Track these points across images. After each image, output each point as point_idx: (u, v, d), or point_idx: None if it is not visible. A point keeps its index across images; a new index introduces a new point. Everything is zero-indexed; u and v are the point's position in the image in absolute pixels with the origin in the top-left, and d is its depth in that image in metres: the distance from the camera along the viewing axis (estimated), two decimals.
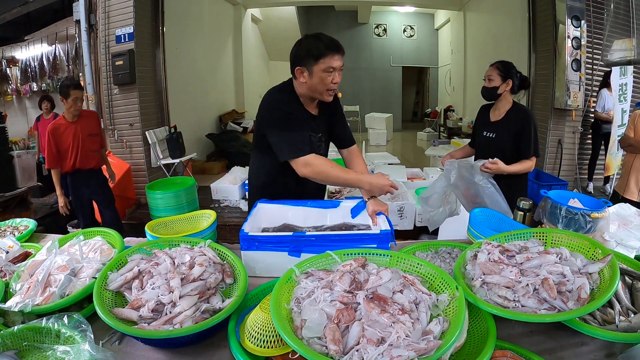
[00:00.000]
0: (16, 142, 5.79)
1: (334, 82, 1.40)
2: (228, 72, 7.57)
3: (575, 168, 4.48)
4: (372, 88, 11.06)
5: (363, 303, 0.84)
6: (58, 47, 6.17)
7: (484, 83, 2.03)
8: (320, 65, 1.36)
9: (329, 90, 1.42)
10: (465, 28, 8.24)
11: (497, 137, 2.02)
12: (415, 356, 0.72)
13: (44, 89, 6.49)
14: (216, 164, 5.93)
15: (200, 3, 6.19)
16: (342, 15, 10.53)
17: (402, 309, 0.83)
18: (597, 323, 0.93)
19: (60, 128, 2.97)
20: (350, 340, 0.77)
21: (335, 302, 0.86)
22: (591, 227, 1.40)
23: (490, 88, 1.98)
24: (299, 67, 1.41)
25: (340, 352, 0.75)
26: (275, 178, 1.60)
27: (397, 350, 0.72)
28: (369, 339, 0.75)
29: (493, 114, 2.09)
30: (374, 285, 0.90)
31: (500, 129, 2.03)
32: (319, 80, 1.39)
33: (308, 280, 0.95)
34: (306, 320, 0.83)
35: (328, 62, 1.36)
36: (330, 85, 1.40)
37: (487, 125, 2.09)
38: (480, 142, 2.13)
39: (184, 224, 1.65)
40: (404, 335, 0.76)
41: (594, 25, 4.18)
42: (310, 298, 0.89)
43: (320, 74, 1.38)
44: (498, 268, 1.02)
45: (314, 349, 0.76)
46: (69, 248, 1.27)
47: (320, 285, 0.92)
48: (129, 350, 0.97)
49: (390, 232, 1.26)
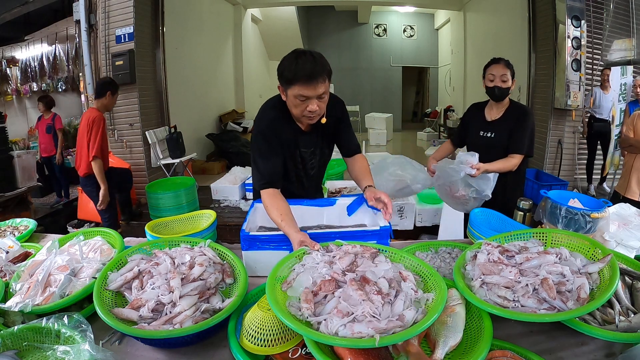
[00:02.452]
0: (16, 142, 5.79)
1: (309, 110, 1.27)
2: (228, 72, 7.57)
3: (575, 168, 4.48)
4: (372, 88, 11.05)
5: (348, 281, 0.90)
6: (58, 47, 6.17)
7: (492, 83, 1.92)
8: (293, 90, 1.24)
9: (305, 116, 1.30)
10: (465, 28, 8.24)
11: (497, 136, 1.98)
12: (374, 334, 0.75)
13: (44, 89, 6.49)
14: (216, 164, 5.93)
15: (200, 3, 6.19)
16: (342, 15, 10.52)
17: (379, 291, 0.87)
18: (597, 323, 0.93)
19: (103, 119, 2.97)
20: (325, 310, 0.85)
21: (326, 275, 0.94)
22: (591, 227, 1.40)
23: (505, 89, 1.90)
24: (279, 85, 1.32)
25: (311, 311, 0.84)
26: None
27: (359, 326, 0.77)
28: (339, 310, 0.82)
29: (489, 114, 2.04)
30: (365, 269, 0.96)
31: (498, 129, 1.98)
32: (292, 104, 1.29)
33: (319, 254, 1.05)
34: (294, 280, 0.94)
35: (299, 90, 1.23)
36: (304, 112, 1.28)
37: (483, 125, 2.04)
38: (476, 142, 2.06)
39: (184, 224, 1.65)
40: (371, 313, 0.80)
41: (594, 25, 4.18)
42: (309, 266, 0.99)
43: (292, 99, 1.27)
44: (497, 268, 1.02)
45: (289, 310, 0.85)
46: (69, 248, 1.27)
47: (324, 260, 1.01)
48: (129, 350, 0.97)
49: (389, 228, 1.27)
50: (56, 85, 6.53)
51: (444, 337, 0.86)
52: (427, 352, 0.86)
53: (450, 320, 0.90)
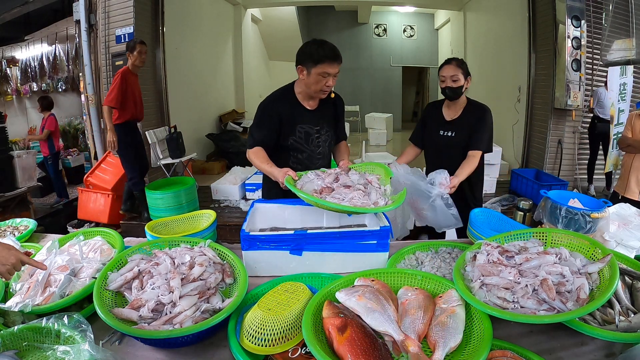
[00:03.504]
0: (16, 142, 5.79)
1: (327, 85, 1.62)
2: (228, 72, 7.56)
3: (575, 168, 4.48)
4: (372, 88, 11.04)
5: (336, 187, 1.41)
6: (58, 47, 6.18)
7: (443, 84, 1.94)
8: (318, 69, 1.57)
9: (322, 90, 1.64)
10: (465, 28, 8.23)
11: (457, 135, 1.97)
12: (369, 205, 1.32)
13: (44, 89, 6.49)
14: (216, 164, 5.92)
15: (200, 3, 6.18)
16: (342, 15, 10.51)
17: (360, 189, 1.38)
18: (597, 323, 0.93)
19: (130, 76, 3.32)
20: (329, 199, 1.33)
21: (322, 184, 1.42)
22: (591, 227, 1.40)
23: (456, 88, 1.91)
24: (300, 66, 1.62)
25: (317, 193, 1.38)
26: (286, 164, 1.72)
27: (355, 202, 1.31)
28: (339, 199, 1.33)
29: (447, 113, 2.04)
30: (345, 180, 1.46)
31: (458, 128, 1.98)
32: (314, 80, 1.60)
33: (312, 173, 1.52)
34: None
35: (325, 68, 1.57)
36: (324, 87, 1.62)
37: (442, 125, 2.03)
38: (436, 142, 2.05)
39: (184, 224, 1.65)
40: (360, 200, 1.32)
41: (594, 25, 4.17)
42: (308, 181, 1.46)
43: (316, 76, 1.59)
44: (497, 269, 1.02)
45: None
46: (69, 248, 1.28)
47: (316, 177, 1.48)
48: (129, 350, 0.97)
49: (389, 228, 1.29)
50: (56, 85, 6.53)
51: (444, 339, 0.86)
52: (428, 353, 0.86)
53: (450, 322, 0.90)
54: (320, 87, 1.62)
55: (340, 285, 1.05)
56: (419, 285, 1.09)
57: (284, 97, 1.71)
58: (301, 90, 1.70)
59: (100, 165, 4.08)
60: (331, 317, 0.89)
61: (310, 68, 1.58)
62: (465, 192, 2.01)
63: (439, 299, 1.00)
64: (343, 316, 0.88)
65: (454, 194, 1.74)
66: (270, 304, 0.94)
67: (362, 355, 0.79)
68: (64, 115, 6.56)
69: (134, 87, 3.38)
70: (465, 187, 1.97)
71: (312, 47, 1.59)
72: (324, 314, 0.92)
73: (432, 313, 0.95)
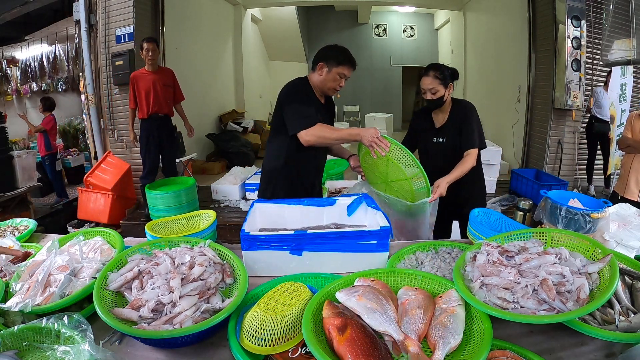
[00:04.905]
0: (16, 142, 5.79)
1: (340, 85, 1.82)
2: (228, 72, 7.56)
3: (575, 168, 4.47)
4: (372, 88, 11.03)
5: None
6: (58, 47, 6.17)
7: (425, 96, 1.93)
8: (339, 69, 1.76)
9: (334, 88, 1.82)
10: (465, 28, 8.22)
11: (449, 140, 1.97)
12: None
13: (44, 89, 6.49)
14: (216, 164, 5.92)
15: (200, 3, 6.18)
16: (342, 15, 10.51)
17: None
18: (597, 323, 0.93)
19: (140, 76, 3.52)
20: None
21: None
22: (591, 227, 1.40)
23: (436, 99, 1.90)
24: (322, 62, 1.77)
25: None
26: (294, 158, 1.82)
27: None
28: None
29: (437, 119, 2.03)
30: None
31: (448, 132, 1.98)
32: (332, 78, 1.78)
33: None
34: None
35: (344, 69, 1.77)
36: (337, 86, 1.82)
37: (434, 132, 2.03)
38: (431, 149, 2.04)
39: (184, 224, 1.65)
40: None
41: (594, 25, 4.17)
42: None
43: (335, 74, 1.77)
44: (497, 270, 1.02)
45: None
46: (69, 248, 1.27)
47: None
48: (129, 350, 0.97)
49: (389, 228, 1.29)
50: (56, 85, 6.53)
51: (444, 339, 0.86)
52: (428, 353, 0.86)
53: (450, 322, 0.90)
54: (335, 86, 1.80)
55: (340, 285, 1.05)
56: (419, 285, 1.09)
57: (307, 86, 1.84)
58: (314, 85, 1.84)
59: (100, 165, 4.08)
60: (331, 317, 0.89)
61: (332, 67, 1.76)
62: (461, 192, 1.95)
63: (439, 299, 1.00)
64: (343, 316, 0.88)
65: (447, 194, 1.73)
66: (270, 304, 0.94)
67: (362, 355, 0.79)
68: (64, 115, 6.56)
69: (148, 85, 3.49)
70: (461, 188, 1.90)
71: (337, 50, 1.79)
72: (324, 314, 0.92)
73: (432, 313, 0.95)
